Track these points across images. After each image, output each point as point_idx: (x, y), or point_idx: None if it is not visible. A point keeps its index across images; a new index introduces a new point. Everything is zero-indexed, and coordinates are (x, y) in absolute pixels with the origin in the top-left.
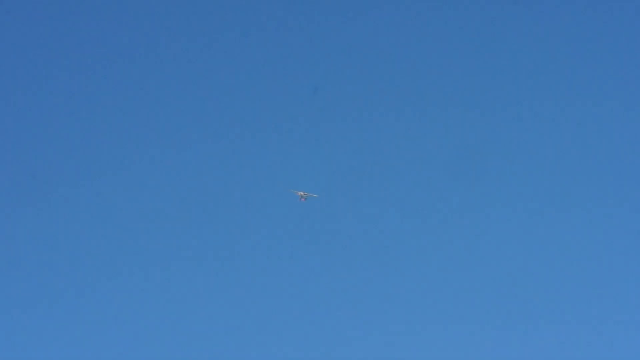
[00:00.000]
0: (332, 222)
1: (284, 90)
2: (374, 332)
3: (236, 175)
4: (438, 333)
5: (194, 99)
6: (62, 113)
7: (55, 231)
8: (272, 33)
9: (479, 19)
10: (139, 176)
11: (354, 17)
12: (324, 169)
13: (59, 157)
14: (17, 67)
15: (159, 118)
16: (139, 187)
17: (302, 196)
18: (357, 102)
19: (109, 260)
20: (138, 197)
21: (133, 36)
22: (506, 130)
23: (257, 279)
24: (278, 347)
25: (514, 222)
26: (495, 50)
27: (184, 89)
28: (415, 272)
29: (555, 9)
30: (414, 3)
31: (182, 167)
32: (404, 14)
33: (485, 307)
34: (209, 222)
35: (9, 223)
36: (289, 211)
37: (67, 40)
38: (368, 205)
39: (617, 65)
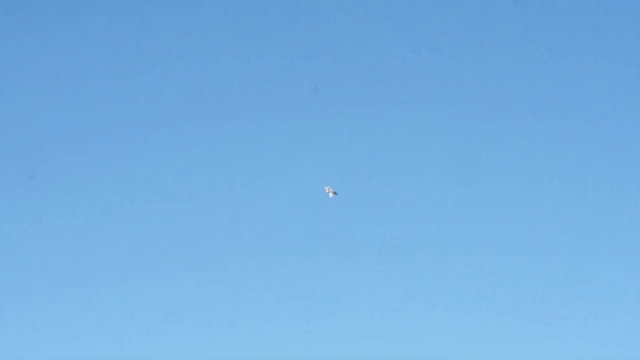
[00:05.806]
0: (333, 223)
1: (284, 89)
2: (377, 332)
3: (236, 175)
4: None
5: (192, 98)
6: (61, 112)
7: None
8: (271, 32)
9: (482, 19)
10: (139, 176)
11: (355, 16)
12: (324, 169)
13: (57, 156)
14: (17, 67)
15: (158, 118)
16: (139, 187)
17: (330, 192)
18: (358, 102)
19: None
20: (139, 197)
21: (132, 35)
22: (511, 129)
23: (260, 279)
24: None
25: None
26: (499, 50)
27: (183, 89)
28: (419, 274)
29: (557, 10)
30: (416, 2)
31: (181, 167)
32: (406, 13)
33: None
34: (209, 222)
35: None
36: (289, 211)
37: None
38: (369, 206)
39: (621, 66)
